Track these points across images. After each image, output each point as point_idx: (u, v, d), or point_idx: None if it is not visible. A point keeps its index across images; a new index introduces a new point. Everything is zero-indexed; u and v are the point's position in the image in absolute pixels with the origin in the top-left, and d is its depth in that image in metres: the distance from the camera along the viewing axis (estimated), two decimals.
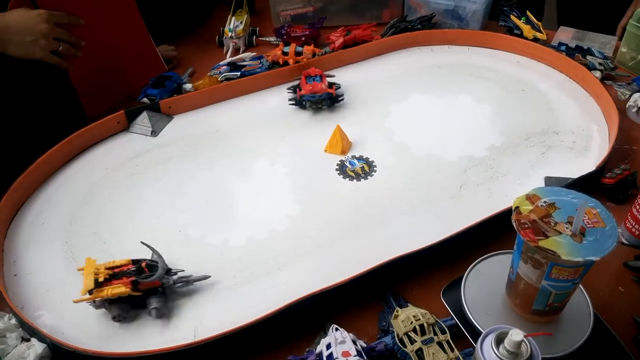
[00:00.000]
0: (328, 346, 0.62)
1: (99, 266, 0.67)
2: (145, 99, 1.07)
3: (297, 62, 1.16)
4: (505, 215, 0.63)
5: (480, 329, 0.64)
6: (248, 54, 1.19)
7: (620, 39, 1.19)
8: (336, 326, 0.65)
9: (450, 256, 0.75)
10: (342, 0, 1.35)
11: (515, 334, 0.50)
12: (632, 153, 0.94)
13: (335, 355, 0.60)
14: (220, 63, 1.16)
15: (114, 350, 0.64)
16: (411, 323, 0.63)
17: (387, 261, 0.70)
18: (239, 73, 1.13)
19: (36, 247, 0.80)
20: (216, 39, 1.30)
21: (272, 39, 1.31)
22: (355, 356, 0.60)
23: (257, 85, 1.11)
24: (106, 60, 1.07)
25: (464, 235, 0.73)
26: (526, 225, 0.57)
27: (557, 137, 0.96)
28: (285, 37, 1.26)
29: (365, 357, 0.61)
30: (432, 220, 0.81)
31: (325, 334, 0.65)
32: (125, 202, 0.87)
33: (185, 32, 1.35)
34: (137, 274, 0.68)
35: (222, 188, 0.89)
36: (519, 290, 0.63)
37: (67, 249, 0.79)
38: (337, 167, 0.92)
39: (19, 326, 0.68)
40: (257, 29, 1.33)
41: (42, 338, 0.65)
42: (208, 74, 1.16)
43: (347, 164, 0.92)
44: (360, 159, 0.93)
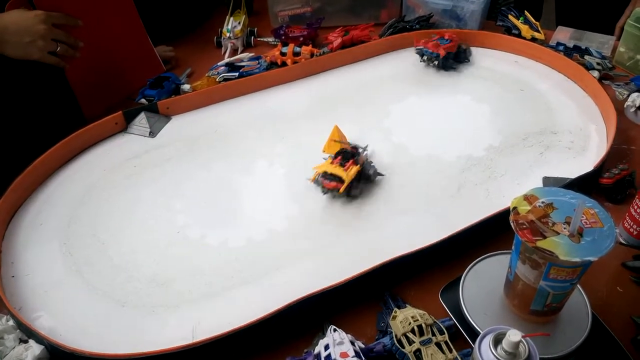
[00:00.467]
0: (326, 347, 0.62)
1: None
2: (143, 100, 1.07)
3: (295, 62, 1.16)
4: (503, 216, 0.63)
5: (479, 330, 0.64)
6: (246, 55, 1.19)
7: (619, 38, 1.20)
8: (334, 327, 0.65)
9: (449, 257, 0.75)
10: (340, 0, 1.35)
11: (513, 335, 0.50)
12: (630, 153, 0.94)
13: (333, 356, 0.60)
14: (219, 64, 1.17)
15: (112, 351, 0.63)
16: (409, 324, 0.63)
17: (385, 262, 0.70)
18: (237, 73, 1.13)
19: (34, 248, 0.80)
20: (214, 40, 1.30)
21: (270, 39, 1.31)
22: (353, 357, 0.60)
23: (255, 85, 1.11)
24: (104, 61, 1.07)
25: (462, 235, 0.73)
26: (524, 226, 0.57)
27: (555, 137, 0.96)
28: (283, 37, 1.26)
29: (363, 358, 0.61)
30: (431, 221, 0.81)
31: (323, 335, 0.65)
32: (124, 203, 0.87)
33: (184, 33, 1.35)
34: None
35: (221, 189, 0.89)
36: (517, 291, 0.63)
37: (66, 250, 0.79)
38: None
39: (16, 328, 0.67)
40: (255, 29, 1.33)
41: (40, 339, 0.65)
42: (206, 75, 1.16)
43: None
44: None
